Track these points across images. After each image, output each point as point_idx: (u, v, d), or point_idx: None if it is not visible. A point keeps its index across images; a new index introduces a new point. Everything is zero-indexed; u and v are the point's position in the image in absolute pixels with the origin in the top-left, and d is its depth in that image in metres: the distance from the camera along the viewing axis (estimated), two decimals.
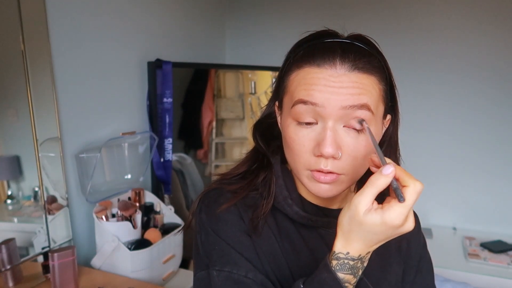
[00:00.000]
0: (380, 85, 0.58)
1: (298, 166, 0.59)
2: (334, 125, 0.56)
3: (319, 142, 0.56)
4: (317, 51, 0.57)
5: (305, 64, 0.58)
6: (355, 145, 0.56)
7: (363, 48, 0.58)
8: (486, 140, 2.05)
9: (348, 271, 0.52)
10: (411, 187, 0.48)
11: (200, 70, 2.05)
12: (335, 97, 0.54)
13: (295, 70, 0.59)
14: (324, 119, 0.56)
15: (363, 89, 0.55)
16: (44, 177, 1.24)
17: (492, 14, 1.94)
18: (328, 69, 0.55)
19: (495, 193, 2.06)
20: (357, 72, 0.55)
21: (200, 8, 2.13)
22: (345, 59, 0.56)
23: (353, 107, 0.55)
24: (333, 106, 0.55)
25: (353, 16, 2.16)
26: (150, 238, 1.34)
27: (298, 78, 0.58)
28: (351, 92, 0.55)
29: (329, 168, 0.56)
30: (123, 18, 1.55)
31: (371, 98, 0.56)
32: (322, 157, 0.56)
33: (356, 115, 0.55)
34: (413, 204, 0.48)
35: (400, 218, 0.48)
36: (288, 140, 0.59)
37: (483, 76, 2.00)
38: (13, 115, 1.19)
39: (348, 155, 0.57)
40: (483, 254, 1.84)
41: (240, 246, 0.62)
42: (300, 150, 0.58)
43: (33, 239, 1.25)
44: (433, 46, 2.04)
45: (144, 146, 1.64)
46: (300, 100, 0.56)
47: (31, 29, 1.17)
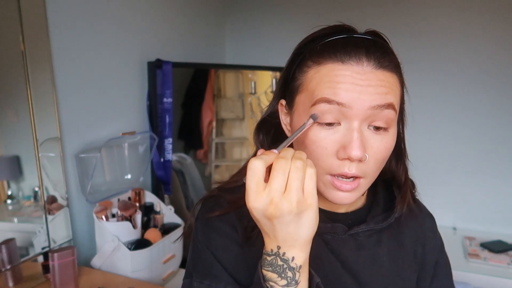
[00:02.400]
0: (400, 85, 0.56)
1: (318, 170, 0.55)
2: (360, 126, 0.52)
3: (344, 144, 0.52)
4: (340, 47, 0.54)
5: (327, 60, 0.54)
6: (380, 146, 0.54)
7: (386, 46, 0.56)
8: (486, 140, 2.05)
9: (269, 268, 0.49)
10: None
11: (200, 70, 2.05)
12: (363, 96, 0.51)
13: (313, 66, 0.55)
14: (349, 119, 0.52)
15: (389, 88, 0.53)
16: (44, 177, 1.24)
17: (495, 16, 1.94)
18: (354, 66, 0.52)
19: (495, 193, 2.06)
20: (382, 70, 0.53)
21: (200, 8, 2.13)
22: (371, 56, 0.53)
23: (380, 106, 0.52)
24: (360, 106, 0.51)
25: (354, 17, 2.15)
26: (150, 238, 1.34)
27: (320, 75, 0.54)
28: (378, 91, 0.52)
29: (354, 172, 0.53)
30: (123, 18, 1.55)
31: (396, 97, 0.54)
32: (347, 160, 0.53)
33: (382, 115, 0.53)
34: (249, 181, 0.46)
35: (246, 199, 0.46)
36: (306, 142, 0.55)
37: (482, 77, 2.00)
38: (13, 115, 1.19)
39: (372, 157, 0.54)
40: (483, 254, 1.84)
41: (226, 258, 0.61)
42: (322, 153, 0.54)
43: (33, 239, 1.25)
44: (433, 48, 2.04)
45: (144, 146, 1.64)
46: (323, 99, 0.52)
47: (31, 29, 1.17)
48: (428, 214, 0.74)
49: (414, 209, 0.71)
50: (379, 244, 0.65)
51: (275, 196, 0.45)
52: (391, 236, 0.66)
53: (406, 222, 0.69)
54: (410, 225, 0.69)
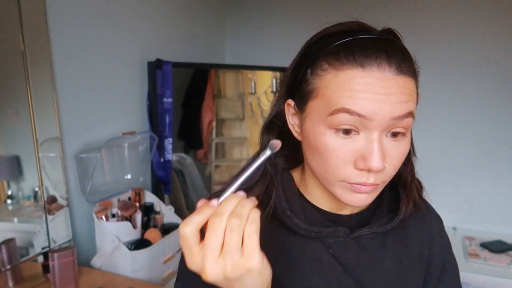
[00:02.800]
0: (417, 87, 0.54)
1: (332, 177, 0.54)
2: (380, 136, 0.51)
3: (364, 155, 0.51)
4: (358, 49, 0.50)
5: (345, 64, 0.50)
6: (398, 153, 0.53)
7: (404, 48, 0.54)
8: (487, 140, 2.05)
9: None
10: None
11: (200, 70, 2.05)
12: (385, 107, 0.49)
13: (330, 70, 0.51)
14: (369, 130, 0.50)
15: (409, 94, 0.51)
16: (44, 177, 1.24)
17: (494, 17, 1.94)
18: (375, 72, 0.49)
19: (495, 193, 2.06)
20: (403, 75, 0.50)
21: (200, 8, 2.13)
22: (392, 60, 0.50)
23: (401, 117, 0.50)
24: (382, 117, 0.49)
25: (354, 15, 2.15)
26: (150, 238, 1.34)
27: (338, 81, 0.50)
28: (400, 99, 0.50)
29: (372, 181, 0.52)
30: (123, 18, 1.55)
31: (414, 103, 0.53)
32: (365, 171, 0.52)
33: (402, 123, 0.51)
34: (182, 248, 0.43)
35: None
36: (322, 150, 0.53)
37: (482, 77, 2.00)
38: (13, 115, 1.19)
39: (390, 164, 0.53)
40: (483, 254, 1.84)
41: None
42: (339, 162, 0.52)
43: (33, 239, 1.25)
44: (433, 47, 2.04)
45: (144, 146, 1.64)
46: (343, 109, 0.49)
47: (31, 29, 1.17)
48: (435, 215, 0.72)
49: (421, 209, 0.69)
50: (384, 247, 0.63)
51: (208, 261, 0.42)
52: (396, 238, 0.65)
53: (412, 223, 0.67)
54: (417, 226, 0.68)
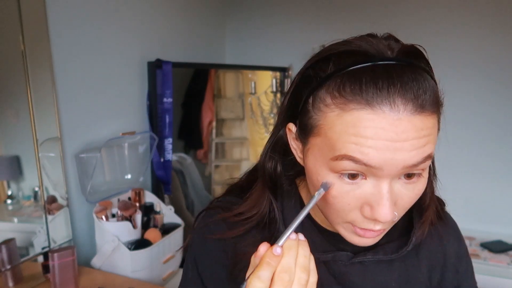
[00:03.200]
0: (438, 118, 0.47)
1: (336, 219, 0.50)
2: (390, 184, 0.44)
3: (371, 204, 0.45)
4: (367, 83, 0.42)
5: (351, 102, 0.42)
6: (411, 196, 0.47)
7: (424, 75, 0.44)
8: (487, 140, 2.05)
9: None
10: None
11: (200, 70, 2.05)
12: (398, 157, 0.42)
13: (333, 108, 0.44)
14: (378, 178, 0.44)
15: (429, 136, 0.43)
16: (44, 177, 1.24)
17: (495, 16, 1.94)
18: (387, 113, 0.41)
19: (495, 193, 2.06)
20: (421, 113, 0.42)
21: (200, 8, 2.13)
22: (408, 95, 0.41)
23: (417, 164, 0.43)
24: (394, 168, 0.43)
25: (355, 17, 2.16)
26: (150, 238, 1.34)
27: (343, 123, 0.43)
28: (416, 146, 0.42)
29: (380, 228, 0.47)
30: (123, 18, 1.55)
31: (434, 141, 0.45)
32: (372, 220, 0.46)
33: (418, 169, 0.44)
34: None
35: None
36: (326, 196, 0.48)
37: (483, 76, 2.00)
38: (13, 115, 1.19)
39: (401, 207, 0.47)
40: (483, 254, 1.84)
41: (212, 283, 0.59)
42: (344, 208, 0.47)
43: (33, 239, 1.25)
44: (434, 47, 2.04)
45: (144, 146, 1.64)
46: (348, 157, 0.43)
47: (31, 29, 1.17)
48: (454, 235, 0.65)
49: (439, 230, 0.62)
50: (390, 269, 0.58)
51: None
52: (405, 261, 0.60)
53: (426, 246, 0.61)
54: (430, 249, 0.62)
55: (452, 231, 0.66)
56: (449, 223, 0.66)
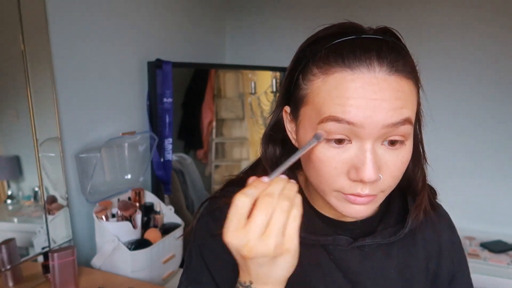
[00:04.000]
0: (416, 88, 0.51)
1: (326, 188, 0.52)
2: (373, 146, 0.48)
3: (356, 165, 0.48)
4: (347, 50, 0.48)
5: (334, 67, 0.48)
6: (396, 163, 0.50)
7: (399, 46, 0.51)
8: (486, 140, 2.05)
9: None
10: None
11: (200, 70, 2.05)
12: (377, 114, 0.46)
13: (319, 75, 0.49)
14: (361, 139, 0.48)
15: (405, 99, 0.48)
16: (44, 177, 1.24)
17: (494, 13, 1.94)
18: (365, 74, 0.46)
19: (495, 193, 2.06)
20: (396, 75, 0.47)
21: (200, 8, 2.13)
22: (383, 59, 0.47)
23: (395, 124, 0.47)
24: (374, 126, 0.47)
25: (355, 15, 2.15)
26: (150, 238, 1.34)
27: (327, 87, 0.48)
28: (393, 106, 0.47)
29: (368, 192, 0.49)
30: (123, 18, 1.55)
31: (412, 107, 0.50)
32: (359, 182, 0.49)
33: (398, 131, 0.48)
34: (230, 216, 0.43)
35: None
36: (314, 160, 0.51)
37: (484, 74, 2.00)
38: (13, 115, 1.19)
39: (388, 175, 0.50)
40: (483, 254, 1.84)
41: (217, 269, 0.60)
42: (331, 173, 0.50)
43: (33, 239, 1.25)
44: (434, 44, 2.04)
45: (144, 146, 1.64)
46: (332, 117, 0.47)
47: (31, 29, 1.17)
48: (447, 224, 0.68)
49: (432, 220, 0.64)
50: (388, 256, 0.61)
51: (252, 238, 0.42)
52: (402, 248, 0.62)
53: (421, 234, 0.63)
54: (425, 237, 0.64)
55: (445, 220, 0.68)
56: (441, 213, 0.69)
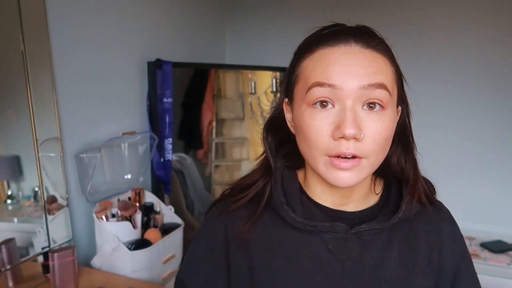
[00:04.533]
0: (392, 67, 0.57)
1: (315, 153, 0.56)
2: (353, 106, 0.53)
3: (339, 124, 0.53)
4: (330, 34, 0.57)
5: (318, 47, 0.57)
6: (377, 126, 0.54)
7: (375, 32, 0.59)
8: (486, 140, 2.05)
9: None
10: None
11: (200, 70, 2.05)
12: (353, 76, 0.53)
13: (307, 56, 0.58)
14: (342, 101, 0.54)
15: (378, 68, 0.54)
16: (44, 177, 1.24)
17: (494, 13, 1.94)
18: (342, 47, 0.55)
19: (495, 193, 2.06)
20: (371, 50, 0.55)
21: (200, 8, 2.13)
22: (359, 38, 0.55)
23: (371, 86, 0.53)
24: (351, 87, 0.53)
25: (355, 17, 2.15)
26: (150, 238, 1.34)
27: (312, 61, 0.57)
28: (368, 71, 0.53)
29: (352, 151, 0.53)
30: (123, 18, 1.55)
31: (387, 78, 0.55)
32: (343, 139, 0.53)
33: (374, 95, 0.53)
34: None
35: None
36: (303, 127, 0.56)
37: (485, 75, 2.00)
38: (13, 115, 1.19)
39: (369, 137, 0.54)
40: (483, 254, 1.84)
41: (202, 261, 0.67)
42: (318, 136, 0.55)
43: (33, 239, 1.25)
44: (434, 45, 2.04)
45: (144, 146, 1.64)
46: (316, 83, 0.54)
47: (31, 29, 1.17)
48: (447, 218, 0.69)
49: (431, 212, 0.66)
50: (389, 246, 0.62)
51: None
52: (403, 239, 0.63)
53: (421, 226, 0.65)
54: (425, 229, 0.65)
55: (445, 214, 0.70)
56: (441, 207, 0.71)
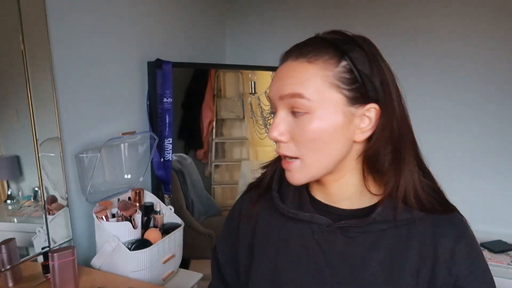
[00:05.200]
0: (327, 71, 0.57)
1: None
2: (280, 112, 0.61)
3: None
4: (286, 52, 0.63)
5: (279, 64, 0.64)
6: (302, 129, 0.58)
7: (319, 38, 0.61)
8: (486, 140, 2.05)
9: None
10: None
11: (200, 70, 2.05)
12: (274, 88, 0.61)
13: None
14: (275, 109, 0.62)
15: (297, 77, 0.58)
16: (44, 177, 1.24)
17: (493, 12, 1.94)
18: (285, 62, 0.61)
19: (495, 193, 2.06)
20: (301, 60, 0.59)
21: (200, 8, 2.13)
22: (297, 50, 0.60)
23: (286, 96, 0.59)
24: (274, 98, 0.61)
25: (354, 16, 2.15)
26: (150, 238, 1.34)
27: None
28: (285, 82, 0.59)
29: (281, 151, 0.62)
30: (123, 18, 1.55)
31: (306, 86, 0.57)
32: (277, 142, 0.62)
33: (293, 103, 0.58)
34: None
35: None
36: None
37: (485, 75, 2.00)
38: (13, 115, 1.19)
39: (297, 139, 0.60)
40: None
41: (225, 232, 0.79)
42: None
43: (33, 239, 1.25)
44: (434, 45, 2.04)
45: (144, 146, 1.64)
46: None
47: (31, 29, 1.17)
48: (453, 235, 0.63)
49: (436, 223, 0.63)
50: (374, 247, 0.61)
51: None
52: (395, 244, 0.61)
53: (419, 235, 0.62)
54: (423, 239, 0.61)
55: (454, 228, 0.64)
56: (454, 221, 0.65)
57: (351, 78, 0.57)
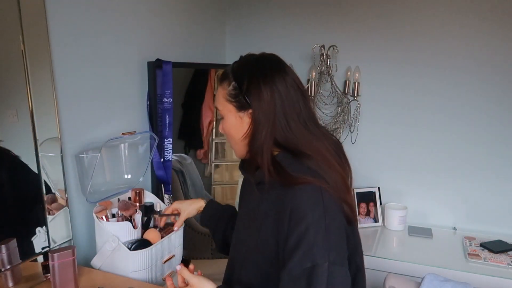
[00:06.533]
0: (225, 90, 0.91)
1: None
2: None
3: None
4: None
5: None
6: (222, 126, 0.97)
7: (230, 66, 0.94)
8: (486, 140, 2.05)
9: None
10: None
11: (200, 70, 2.05)
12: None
13: None
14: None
15: (216, 96, 0.95)
16: (44, 177, 1.24)
17: (493, 11, 1.94)
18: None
19: (495, 193, 2.06)
20: (220, 84, 0.94)
21: (200, 8, 2.13)
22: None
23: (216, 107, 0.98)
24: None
25: (353, 15, 2.15)
26: (150, 238, 1.34)
27: None
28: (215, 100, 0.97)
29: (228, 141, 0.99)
30: (123, 18, 1.55)
31: (218, 101, 0.94)
32: None
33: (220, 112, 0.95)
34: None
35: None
36: None
37: (485, 74, 2.01)
38: (13, 115, 1.19)
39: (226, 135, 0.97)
40: (483, 254, 1.84)
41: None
42: None
43: (33, 239, 1.25)
44: (434, 44, 2.04)
45: (144, 146, 1.64)
46: None
47: (31, 29, 1.17)
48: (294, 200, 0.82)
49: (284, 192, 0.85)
50: (262, 199, 0.90)
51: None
52: (272, 201, 0.87)
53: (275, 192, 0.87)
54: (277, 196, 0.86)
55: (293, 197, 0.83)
56: (296, 193, 0.83)
57: (235, 94, 0.89)
